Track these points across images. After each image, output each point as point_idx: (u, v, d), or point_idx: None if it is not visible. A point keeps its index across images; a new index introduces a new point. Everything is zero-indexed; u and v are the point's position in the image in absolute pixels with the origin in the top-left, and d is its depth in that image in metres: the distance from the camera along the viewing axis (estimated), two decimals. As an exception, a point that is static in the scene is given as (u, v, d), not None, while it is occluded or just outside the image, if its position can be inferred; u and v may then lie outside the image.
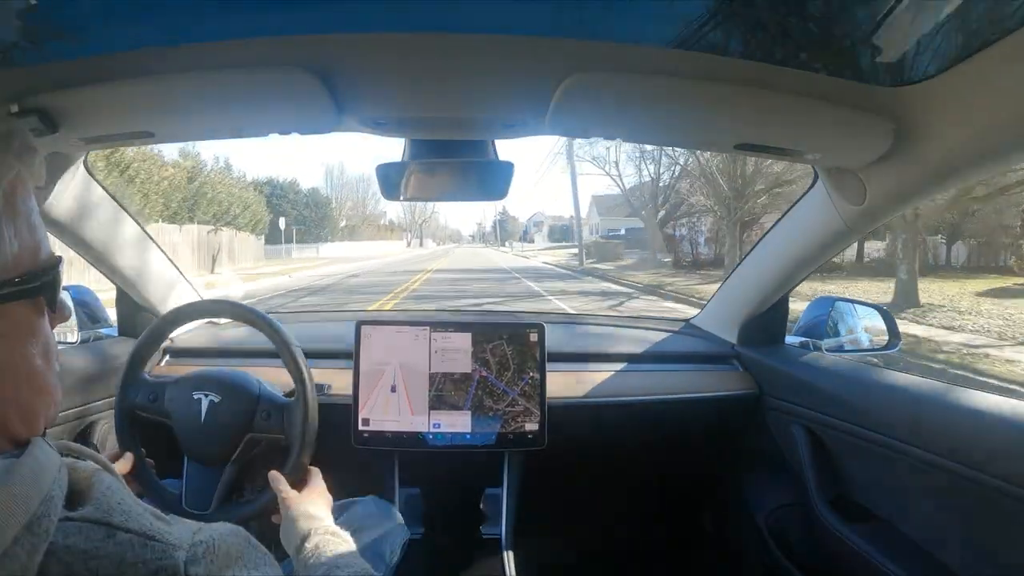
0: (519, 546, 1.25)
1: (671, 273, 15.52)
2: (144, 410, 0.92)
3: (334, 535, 0.72)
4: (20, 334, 0.37)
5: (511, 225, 74.12)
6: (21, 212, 0.37)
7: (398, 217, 60.04)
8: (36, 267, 0.38)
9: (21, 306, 0.37)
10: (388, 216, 53.61)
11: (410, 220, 59.23)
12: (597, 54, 0.67)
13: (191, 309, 1.02)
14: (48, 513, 0.31)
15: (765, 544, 1.30)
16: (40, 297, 0.38)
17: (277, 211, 26.99)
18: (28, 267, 0.37)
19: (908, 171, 0.81)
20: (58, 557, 0.31)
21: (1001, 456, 0.77)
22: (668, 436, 1.48)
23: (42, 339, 0.39)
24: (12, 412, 0.37)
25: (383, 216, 51.84)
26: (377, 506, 1.04)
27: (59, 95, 0.71)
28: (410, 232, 59.74)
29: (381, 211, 50.09)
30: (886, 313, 1.27)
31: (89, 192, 1.06)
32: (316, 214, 33.46)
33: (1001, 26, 0.55)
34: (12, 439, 0.37)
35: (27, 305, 0.38)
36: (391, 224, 57.24)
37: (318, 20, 0.64)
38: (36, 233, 0.39)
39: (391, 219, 58.97)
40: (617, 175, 20.61)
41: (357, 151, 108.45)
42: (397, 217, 60.16)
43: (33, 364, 0.38)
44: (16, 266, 0.36)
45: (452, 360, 1.20)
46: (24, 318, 0.38)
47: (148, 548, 0.33)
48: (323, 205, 35.16)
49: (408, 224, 60.51)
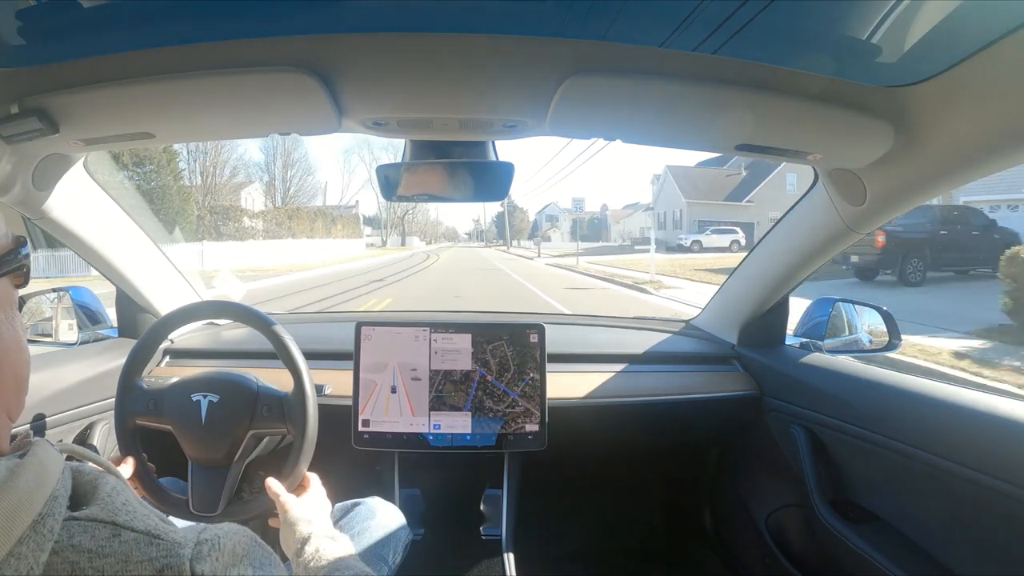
0: (519, 547, 1.25)
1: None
2: (144, 417, 0.92)
3: (334, 539, 0.72)
4: (9, 307, 0.40)
5: (517, 219, 59.55)
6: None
7: (383, 211, 46.79)
8: (13, 244, 0.41)
9: (7, 282, 0.40)
10: (359, 207, 42.57)
11: (387, 216, 46.99)
12: (598, 55, 0.67)
13: (189, 311, 1.01)
14: (53, 512, 0.32)
15: (765, 544, 1.30)
16: (20, 270, 0.41)
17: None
18: (9, 245, 0.41)
19: (908, 171, 0.81)
20: (64, 556, 0.31)
21: (1001, 456, 0.77)
22: (668, 437, 1.48)
23: (19, 316, 0.42)
24: (11, 382, 0.39)
25: (355, 207, 40.82)
26: (380, 507, 1.03)
27: (59, 96, 0.71)
28: (387, 228, 46.96)
29: (347, 204, 38.86)
30: (886, 314, 1.27)
31: (89, 193, 1.06)
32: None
33: (1001, 26, 0.55)
34: (8, 412, 0.39)
35: (8, 280, 0.41)
36: (362, 218, 43.23)
37: (318, 21, 0.64)
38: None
39: (364, 212, 45.44)
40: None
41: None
42: (381, 211, 46.86)
43: (18, 335, 0.41)
44: (5, 245, 0.40)
45: (452, 361, 1.20)
46: (8, 292, 0.41)
47: (154, 546, 0.33)
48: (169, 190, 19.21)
49: (385, 220, 47.57)
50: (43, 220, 1.01)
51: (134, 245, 1.24)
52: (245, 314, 0.97)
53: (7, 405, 0.39)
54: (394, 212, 47.21)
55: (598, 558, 1.61)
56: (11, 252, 0.40)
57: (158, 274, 1.33)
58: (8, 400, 0.39)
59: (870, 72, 0.69)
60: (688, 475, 1.66)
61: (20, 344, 0.41)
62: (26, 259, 0.42)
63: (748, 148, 0.84)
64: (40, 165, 0.91)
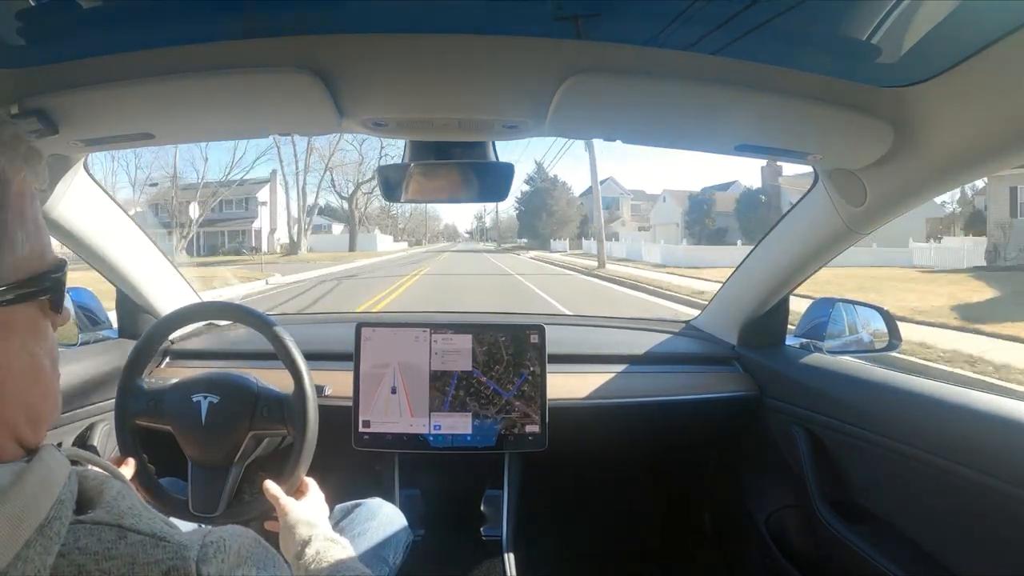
0: (520, 547, 1.25)
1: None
2: (144, 418, 0.92)
3: (335, 541, 0.72)
4: (29, 336, 0.38)
5: (558, 202, 36.22)
6: (29, 215, 0.37)
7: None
8: (43, 269, 0.38)
9: (30, 308, 0.37)
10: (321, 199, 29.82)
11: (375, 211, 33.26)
12: (598, 56, 0.67)
13: (190, 312, 1.01)
14: (59, 516, 0.32)
15: (765, 545, 1.30)
16: (47, 299, 0.38)
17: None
18: (36, 269, 0.38)
19: (908, 171, 0.81)
20: (71, 559, 0.31)
21: (1002, 457, 0.77)
22: (668, 438, 1.48)
23: (48, 341, 0.40)
24: (21, 414, 0.37)
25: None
26: (381, 508, 1.03)
27: (59, 97, 0.71)
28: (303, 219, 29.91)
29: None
30: (887, 314, 1.27)
31: (89, 194, 1.06)
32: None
33: (1001, 27, 0.55)
34: (21, 442, 0.37)
35: (34, 307, 0.38)
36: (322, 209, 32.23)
37: (319, 21, 0.64)
38: (42, 236, 0.39)
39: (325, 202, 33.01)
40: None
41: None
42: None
43: (42, 365, 0.38)
44: (27, 268, 0.37)
45: (453, 361, 1.20)
46: (32, 320, 0.38)
47: (160, 548, 0.33)
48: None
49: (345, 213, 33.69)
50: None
51: (134, 246, 1.24)
52: (245, 315, 0.97)
53: (16, 434, 0.37)
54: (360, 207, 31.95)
55: (599, 558, 1.61)
56: (38, 275, 0.37)
57: (158, 275, 1.33)
58: (17, 427, 0.37)
59: (870, 73, 0.69)
60: (688, 475, 1.66)
61: (37, 375, 0.38)
62: (55, 285, 0.39)
63: (748, 148, 0.84)
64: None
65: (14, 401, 0.36)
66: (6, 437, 0.36)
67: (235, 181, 26.99)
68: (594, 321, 1.76)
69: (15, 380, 0.36)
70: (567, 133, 0.88)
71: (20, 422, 0.36)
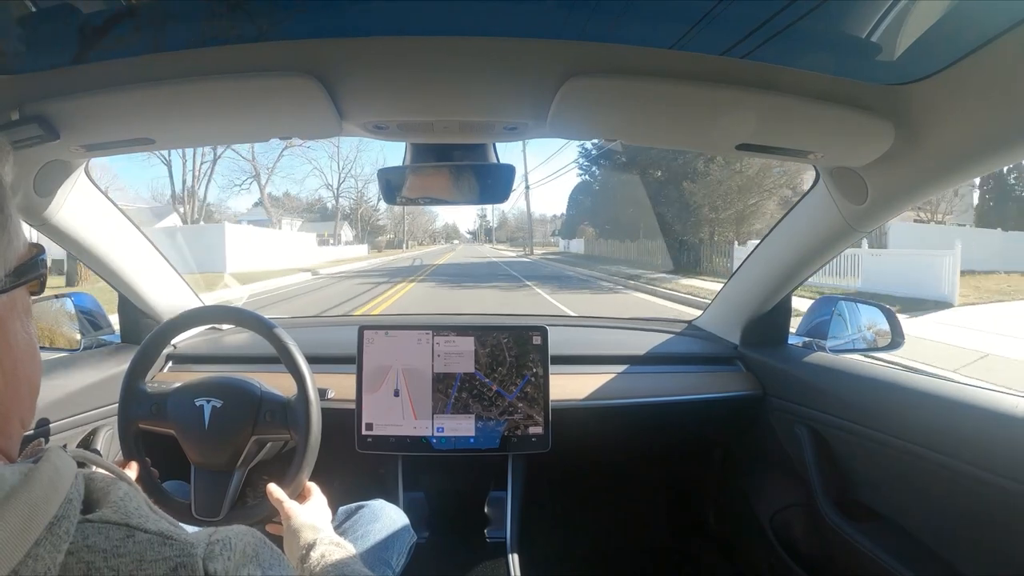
0: (524, 549, 1.24)
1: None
2: (147, 422, 0.92)
3: (338, 545, 0.72)
4: (25, 316, 0.41)
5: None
6: (12, 206, 0.41)
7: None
8: (35, 252, 0.42)
9: (23, 289, 0.41)
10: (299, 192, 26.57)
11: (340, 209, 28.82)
12: (598, 56, 0.67)
13: (192, 316, 1.01)
14: (68, 515, 0.32)
15: (770, 544, 1.30)
16: (36, 279, 0.42)
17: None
18: (30, 253, 0.42)
19: (909, 169, 0.81)
20: (79, 556, 0.32)
21: (1007, 454, 0.77)
22: (672, 437, 1.48)
23: (31, 318, 0.43)
24: (25, 389, 0.40)
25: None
26: (384, 510, 1.03)
27: (60, 102, 0.71)
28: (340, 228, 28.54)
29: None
30: (889, 312, 1.26)
31: (90, 199, 1.06)
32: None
33: (1000, 23, 0.55)
34: (23, 422, 0.40)
35: (25, 289, 0.42)
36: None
37: (319, 25, 0.64)
38: (20, 223, 0.43)
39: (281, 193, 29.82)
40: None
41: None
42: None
43: (34, 340, 0.42)
44: (25, 254, 0.41)
45: (455, 363, 1.20)
46: (24, 301, 0.42)
47: (167, 546, 0.34)
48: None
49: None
50: (44, 226, 1.01)
51: (136, 250, 1.24)
52: (248, 319, 0.97)
53: (21, 413, 0.40)
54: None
55: (603, 559, 1.60)
56: (30, 261, 0.41)
57: (160, 279, 1.33)
58: (23, 408, 0.40)
59: (870, 70, 0.69)
60: (692, 475, 1.66)
61: (34, 352, 0.41)
62: (44, 267, 0.43)
63: (749, 148, 0.84)
64: (41, 171, 0.91)
65: (24, 379, 0.40)
66: (14, 418, 0.39)
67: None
68: (596, 322, 1.75)
69: (21, 359, 0.39)
70: (568, 134, 0.88)
71: (24, 395, 0.40)
